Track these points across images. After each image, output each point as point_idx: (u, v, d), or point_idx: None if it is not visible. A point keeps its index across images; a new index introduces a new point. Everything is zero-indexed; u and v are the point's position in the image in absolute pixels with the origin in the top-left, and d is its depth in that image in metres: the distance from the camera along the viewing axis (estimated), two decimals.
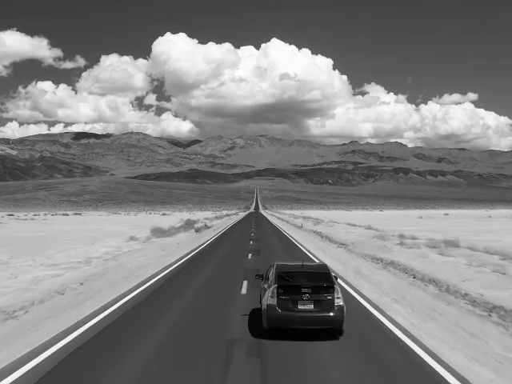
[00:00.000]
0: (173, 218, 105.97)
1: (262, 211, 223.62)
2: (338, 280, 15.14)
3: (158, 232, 42.95)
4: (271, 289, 9.96)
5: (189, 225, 60.09)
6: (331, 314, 9.66)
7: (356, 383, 7.63)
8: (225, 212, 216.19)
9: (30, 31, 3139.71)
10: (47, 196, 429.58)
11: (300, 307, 9.66)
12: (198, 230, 50.70)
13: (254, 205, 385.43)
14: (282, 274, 10.16)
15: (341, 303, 9.85)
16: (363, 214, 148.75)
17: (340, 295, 9.98)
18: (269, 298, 9.92)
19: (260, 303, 11.35)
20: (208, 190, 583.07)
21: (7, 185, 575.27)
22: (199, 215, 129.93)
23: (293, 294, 9.72)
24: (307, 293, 9.68)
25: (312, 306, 9.67)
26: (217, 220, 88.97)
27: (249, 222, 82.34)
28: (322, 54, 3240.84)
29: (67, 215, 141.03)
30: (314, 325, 9.74)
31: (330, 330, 9.89)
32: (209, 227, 59.41)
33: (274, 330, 9.85)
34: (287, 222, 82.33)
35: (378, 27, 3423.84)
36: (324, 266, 11.40)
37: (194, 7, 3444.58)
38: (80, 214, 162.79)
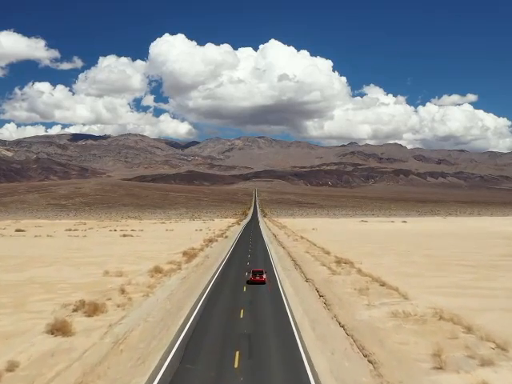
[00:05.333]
0: (125, 249, 77.86)
1: (260, 225, 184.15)
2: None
3: None
4: (251, 274, 45.80)
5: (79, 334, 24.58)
6: (263, 279, 44.63)
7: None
8: (215, 222, 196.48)
9: (27, 32, 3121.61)
10: (36, 199, 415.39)
11: (256, 278, 44.58)
12: None
13: (252, 210, 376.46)
14: (253, 270, 46.46)
15: (264, 277, 44.81)
16: (399, 233, 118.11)
17: (265, 275, 45.36)
18: (249, 275, 46.07)
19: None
20: (205, 193, 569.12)
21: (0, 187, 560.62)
22: (175, 237, 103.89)
23: (254, 274, 45.27)
24: (258, 274, 45.13)
25: (258, 277, 44.67)
26: (178, 273, 49.03)
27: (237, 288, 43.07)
28: (322, 56, 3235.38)
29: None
30: (258, 282, 44.25)
31: (262, 283, 44.15)
32: None
33: (251, 284, 43.93)
34: (325, 299, 35.55)
35: (378, 28, 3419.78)
36: (262, 270, 46.93)
37: (193, 8, 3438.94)
38: (24, 230, 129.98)
